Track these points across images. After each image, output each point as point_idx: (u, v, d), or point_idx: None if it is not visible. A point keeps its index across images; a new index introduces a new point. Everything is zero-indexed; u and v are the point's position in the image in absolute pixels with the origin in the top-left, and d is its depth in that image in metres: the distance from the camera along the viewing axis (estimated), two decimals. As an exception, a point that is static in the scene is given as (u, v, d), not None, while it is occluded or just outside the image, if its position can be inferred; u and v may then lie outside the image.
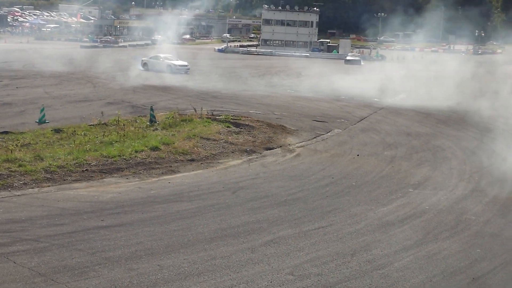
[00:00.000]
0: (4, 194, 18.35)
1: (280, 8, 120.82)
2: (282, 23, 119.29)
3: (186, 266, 13.54)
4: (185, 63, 65.72)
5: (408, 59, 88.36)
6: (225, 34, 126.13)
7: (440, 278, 13.87)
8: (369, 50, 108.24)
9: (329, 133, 31.12)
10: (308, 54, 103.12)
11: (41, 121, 29.71)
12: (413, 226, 17.44)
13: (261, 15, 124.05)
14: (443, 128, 32.10)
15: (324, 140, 29.60)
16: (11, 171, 20.28)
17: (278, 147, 27.45)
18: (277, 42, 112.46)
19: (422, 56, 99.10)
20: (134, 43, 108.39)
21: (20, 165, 20.85)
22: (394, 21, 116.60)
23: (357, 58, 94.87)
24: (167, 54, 68.40)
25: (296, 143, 28.54)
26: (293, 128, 31.61)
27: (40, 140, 25.42)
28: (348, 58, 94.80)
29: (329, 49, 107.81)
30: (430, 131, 33.64)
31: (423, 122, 37.13)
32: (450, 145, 29.22)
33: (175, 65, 63.91)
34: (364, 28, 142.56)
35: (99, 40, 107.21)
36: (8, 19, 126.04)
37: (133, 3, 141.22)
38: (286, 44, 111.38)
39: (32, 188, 19.23)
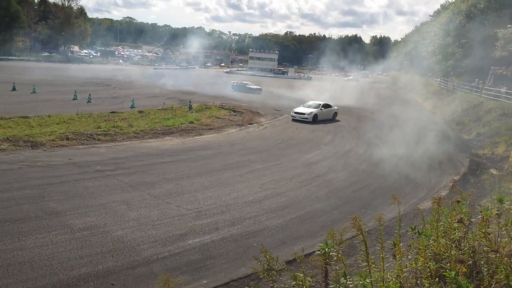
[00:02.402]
0: (113, 144, 18.34)
1: (258, 50, 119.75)
2: (259, 58, 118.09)
3: (206, 183, 13.69)
4: (259, 87, 50.12)
5: (324, 79, 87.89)
6: (228, 64, 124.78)
7: (335, 192, 14.16)
8: (303, 74, 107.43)
9: (282, 116, 31.10)
10: (272, 75, 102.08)
11: (132, 107, 29.54)
12: (323, 165, 17.64)
13: (248, 53, 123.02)
14: (340, 116, 32.19)
15: (279, 120, 29.62)
16: (116, 132, 20.23)
17: (255, 123, 27.44)
18: (256, 68, 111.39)
19: (330, 77, 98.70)
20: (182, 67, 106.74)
21: (120, 129, 20.79)
22: (317, 59, 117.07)
23: (296, 77, 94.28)
24: (247, 81, 53.84)
25: (265, 121, 28.55)
26: (263, 113, 31.58)
27: (131, 116, 25.32)
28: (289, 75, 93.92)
29: (283, 72, 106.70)
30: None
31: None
32: (344, 124, 29.39)
33: (251, 87, 49.20)
34: (302, 62, 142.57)
35: (163, 65, 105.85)
36: (115, 52, 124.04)
37: (181, 46, 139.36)
38: (261, 69, 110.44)
39: (126, 141, 19.25)
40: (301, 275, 4.49)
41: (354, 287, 4.14)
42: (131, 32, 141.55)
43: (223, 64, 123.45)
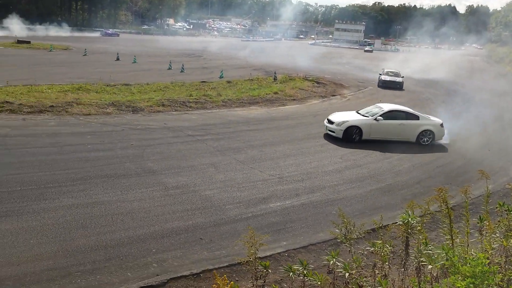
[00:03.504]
0: (203, 112, 19.05)
1: (344, 22, 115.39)
2: (344, 29, 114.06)
3: (288, 151, 13.74)
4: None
5: (411, 51, 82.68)
6: (313, 36, 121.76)
7: (418, 166, 13.51)
8: (390, 45, 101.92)
9: (366, 89, 30.05)
10: (357, 47, 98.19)
11: (221, 77, 30.28)
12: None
13: (334, 25, 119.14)
14: (428, 89, 30.27)
15: (363, 92, 28.68)
16: (206, 100, 20.95)
17: (338, 95, 26.83)
18: (341, 40, 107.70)
19: (419, 49, 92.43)
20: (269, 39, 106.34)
21: (210, 98, 21.50)
22: (406, 30, 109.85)
23: (370, 48, 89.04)
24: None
25: (348, 93, 27.80)
26: (346, 85, 30.73)
27: (220, 86, 26.02)
28: (366, 48, 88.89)
29: (369, 44, 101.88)
30: (420, 89, 31.93)
31: (417, 84, 35.15)
32: (430, 97, 27.60)
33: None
34: (389, 33, 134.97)
35: (250, 37, 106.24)
36: (206, 25, 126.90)
37: (268, 18, 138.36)
38: (347, 41, 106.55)
39: (215, 109, 19.87)
40: (380, 242, 4.42)
41: (436, 258, 3.98)
42: (221, 5, 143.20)
43: (312, 36, 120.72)
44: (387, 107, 16.20)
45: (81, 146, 12.50)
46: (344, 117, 15.81)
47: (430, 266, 4.01)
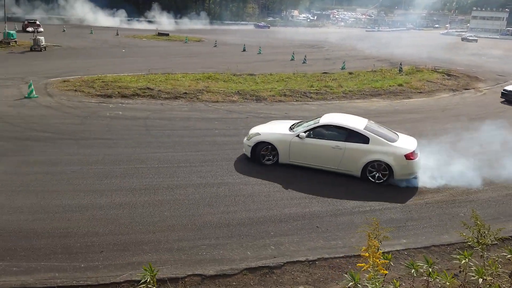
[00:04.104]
0: (323, 102, 18.92)
1: (483, 9, 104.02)
2: (483, 17, 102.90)
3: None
4: None
5: None
6: (447, 25, 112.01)
7: None
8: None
9: (505, 83, 26.83)
10: (498, 37, 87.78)
11: (343, 68, 29.66)
12: None
13: (471, 12, 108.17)
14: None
15: (502, 86, 25.65)
16: (326, 91, 20.77)
17: (472, 89, 24.42)
18: (478, 29, 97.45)
19: None
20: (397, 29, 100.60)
21: (330, 89, 21.25)
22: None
23: None
24: None
25: (484, 87, 25.12)
26: (482, 78, 27.77)
27: (341, 77, 25.53)
28: None
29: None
30: None
31: None
32: None
33: None
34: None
35: (375, 27, 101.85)
36: (330, 16, 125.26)
37: (396, 7, 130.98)
38: (485, 30, 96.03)
39: (335, 100, 19.55)
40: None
41: None
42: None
43: (447, 25, 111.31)
44: (326, 119, 10.83)
45: (209, 131, 13.40)
46: (264, 128, 11.25)
47: None
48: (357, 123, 10.50)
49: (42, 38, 31.98)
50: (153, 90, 18.56)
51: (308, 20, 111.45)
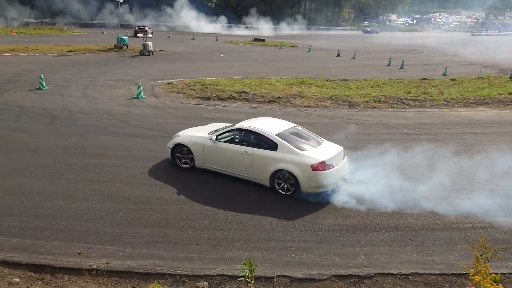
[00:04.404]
0: (421, 110, 17.94)
1: None
2: None
3: None
4: None
5: None
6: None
7: None
8: None
9: None
10: None
11: (444, 74, 27.80)
12: None
13: None
14: None
15: None
16: (425, 98, 19.68)
17: None
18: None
19: None
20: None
21: (430, 96, 20.11)
22: None
23: None
24: None
25: None
26: None
27: (442, 84, 23.97)
28: None
29: None
30: None
31: None
32: None
33: None
34: None
35: (483, 31, 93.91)
36: (431, 19, 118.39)
37: (508, 9, 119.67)
38: None
39: (435, 108, 18.43)
40: None
41: None
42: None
43: None
44: (243, 122, 10.03)
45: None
46: (189, 130, 10.78)
47: None
48: (273, 128, 9.38)
49: (150, 43, 34.64)
50: (248, 93, 19.11)
51: (407, 24, 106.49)
